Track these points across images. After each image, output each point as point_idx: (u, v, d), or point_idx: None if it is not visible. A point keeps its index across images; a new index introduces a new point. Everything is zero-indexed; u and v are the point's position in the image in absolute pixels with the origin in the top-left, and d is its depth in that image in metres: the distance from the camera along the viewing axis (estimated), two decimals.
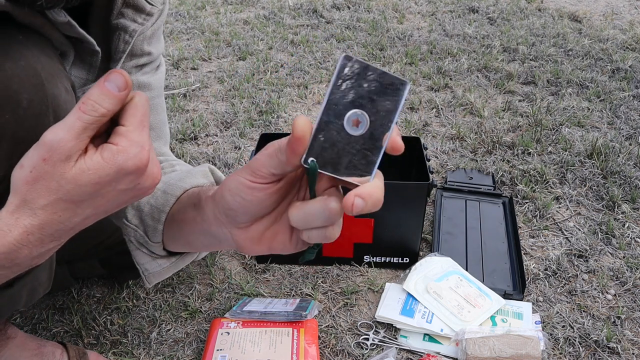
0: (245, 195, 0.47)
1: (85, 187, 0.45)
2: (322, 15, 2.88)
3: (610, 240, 1.27)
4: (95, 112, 0.44)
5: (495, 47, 2.41)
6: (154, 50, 0.80)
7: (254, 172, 0.46)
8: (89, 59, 0.65)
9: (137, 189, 0.49)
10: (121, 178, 0.46)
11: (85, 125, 0.44)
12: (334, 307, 1.08)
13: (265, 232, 0.50)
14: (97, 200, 0.47)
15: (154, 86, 0.81)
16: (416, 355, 0.99)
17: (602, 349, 1.00)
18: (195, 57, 2.33)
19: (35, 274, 0.62)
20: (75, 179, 0.45)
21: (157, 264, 0.74)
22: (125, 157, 0.45)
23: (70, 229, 0.48)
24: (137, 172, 0.47)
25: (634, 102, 1.93)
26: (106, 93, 0.44)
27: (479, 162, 1.55)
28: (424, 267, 1.13)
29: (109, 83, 0.44)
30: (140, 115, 0.47)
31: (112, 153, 0.45)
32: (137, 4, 0.70)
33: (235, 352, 0.94)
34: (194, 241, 0.64)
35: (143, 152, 0.47)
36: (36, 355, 0.85)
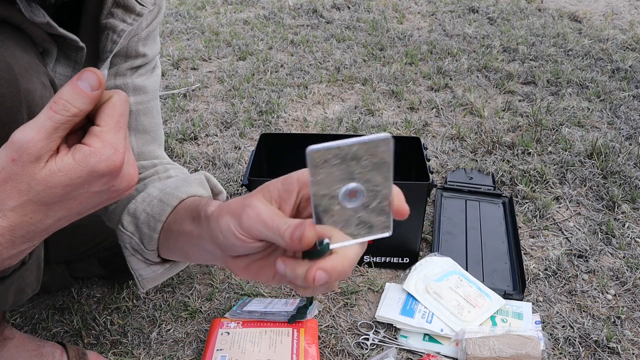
0: (234, 242, 0.47)
1: (56, 189, 0.44)
2: (322, 15, 2.88)
3: (610, 240, 1.27)
4: (67, 112, 0.43)
5: (495, 47, 2.41)
6: (149, 51, 0.79)
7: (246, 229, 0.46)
8: (73, 55, 0.64)
9: (112, 191, 0.48)
10: (93, 180, 0.45)
11: (56, 125, 0.42)
12: (334, 307, 1.08)
13: (252, 264, 0.50)
14: (68, 203, 0.46)
15: (149, 89, 0.81)
16: (416, 355, 0.98)
17: (602, 349, 0.99)
18: (195, 57, 2.33)
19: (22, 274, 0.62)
20: (45, 181, 0.43)
21: (151, 270, 0.73)
22: (97, 159, 0.44)
23: (43, 231, 0.47)
24: (111, 175, 0.45)
25: (634, 102, 1.93)
26: (78, 92, 0.43)
27: (479, 162, 1.55)
28: (424, 267, 1.13)
29: (81, 82, 0.43)
30: (117, 116, 0.46)
31: (84, 154, 0.44)
32: (127, 4, 0.70)
33: (235, 352, 0.94)
34: (190, 253, 0.64)
35: (117, 154, 0.45)
36: (35, 356, 0.85)
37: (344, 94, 2.02)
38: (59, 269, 1.07)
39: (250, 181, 1.09)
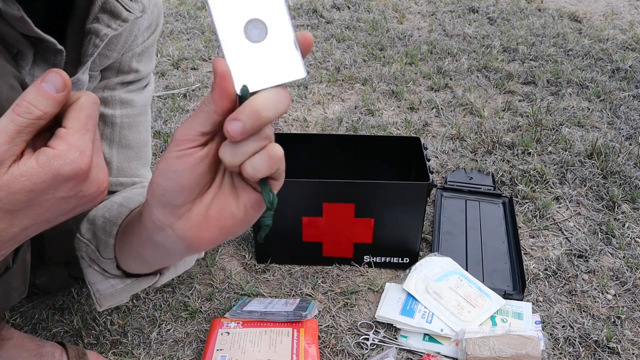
0: (174, 167, 0.42)
1: (19, 195, 0.42)
2: (322, 15, 2.88)
3: (610, 240, 1.27)
4: (30, 115, 0.41)
5: (495, 47, 2.41)
6: (143, 68, 0.78)
7: (179, 140, 0.42)
8: (52, 58, 0.63)
9: (80, 197, 0.45)
10: (58, 185, 0.43)
11: (20, 128, 0.40)
12: (334, 307, 1.08)
13: (209, 211, 0.45)
14: (34, 209, 0.43)
15: (136, 103, 0.79)
16: (416, 355, 0.98)
17: (602, 349, 0.99)
18: (195, 57, 2.33)
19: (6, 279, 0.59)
20: (7, 186, 0.41)
21: (109, 284, 0.68)
22: (61, 162, 0.42)
23: (9, 240, 0.45)
24: (77, 179, 0.43)
25: (634, 102, 1.93)
26: (42, 94, 0.41)
27: (479, 162, 1.55)
28: (424, 267, 1.13)
29: (45, 83, 0.41)
30: (84, 117, 0.43)
31: (48, 158, 0.41)
32: (113, 10, 0.69)
33: (235, 352, 0.94)
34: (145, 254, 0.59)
35: (82, 157, 0.42)
36: (35, 356, 0.85)
37: (344, 94, 2.02)
38: (58, 270, 1.07)
39: None
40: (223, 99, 0.40)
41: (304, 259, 1.19)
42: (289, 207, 1.12)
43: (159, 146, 1.64)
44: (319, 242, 1.16)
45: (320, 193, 1.10)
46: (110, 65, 0.75)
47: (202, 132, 0.41)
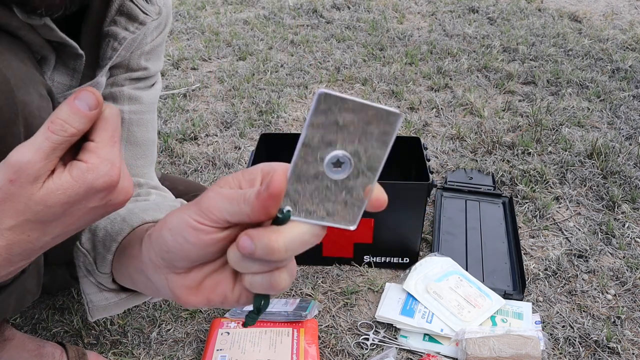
0: (188, 237, 0.40)
1: (54, 208, 0.43)
2: (322, 15, 2.88)
3: (610, 240, 1.27)
4: (65, 132, 0.42)
5: (495, 47, 2.41)
6: (151, 66, 0.78)
7: (204, 213, 0.40)
8: (72, 63, 0.64)
9: (109, 205, 0.47)
10: (91, 196, 0.45)
11: (55, 145, 0.42)
12: (334, 307, 1.08)
13: (205, 281, 0.44)
14: (66, 219, 0.45)
15: (144, 100, 0.79)
16: (416, 355, 0.98)
17: (602, 349, 0.99)
18: (195, 57, 2.33)
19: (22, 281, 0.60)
20: (43, 200, 0.43)
21: (103, 296, 0.67)
22: (95, 175, 0.43)
23: (40, 248, 0.47)
24: (108, 190, 0.45)
25: (634, 102, 1.93)
26: (76, 112, 0.42)
27: (479, 162, 1.55)
28: (424, 267, 1.13)
29: (79, 101, 0.42)
30: (111, 130, 0.45)
31: (82, 171, 0.43)
32: (131, 13, 0.69)
33: (235, 352, 0.94)
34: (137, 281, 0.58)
35: (114, 169, 0.44)
36: (35, 357, 0.85)
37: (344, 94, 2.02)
38: (59, 270, 1.07)
39: None
40: (261, 214, 0.37)
41: (304, 259, 1.19)
42: None
43: (159, 146, 1.64)
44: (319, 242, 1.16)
45: None
46: (119, 62, 0.75)
47: (226, 220, 0.39)
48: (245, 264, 0.39)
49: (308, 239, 0.38)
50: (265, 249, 0.37)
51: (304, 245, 0.38)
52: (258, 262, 0.39)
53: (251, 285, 0.40)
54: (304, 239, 0.38)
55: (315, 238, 0.39)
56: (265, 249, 0.37)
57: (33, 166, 0.41)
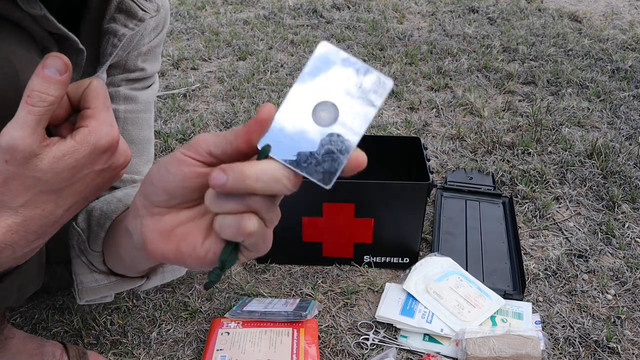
0: (170, 167, 0.42)
1: (63, 173, 0.45)
2: (322, 15, 2.88)
3: (610, 240, 1.27)
4: (44, 102, 0.43)
5: (495, 47, 2.41)
6: (148, 68, 0.79)
7: (190, 145, 0.41)
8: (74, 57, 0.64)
9: (112, 168, 0.49)
10: (96, 158, 0.47)
11: (38, 117, 0.43)
12: (334, 307, 1.08)
13: (178, 228, 0.44)
14: (76, 186, 0.47)
15: (140, 100, 0.80)
16: (416, 355, 0.99)
17: (602, 349, 0.99)
18: (195, 57, 2.33)
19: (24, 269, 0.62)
20: (52, 168, 0.44)
21: (93, 278, 0.69)
22: (97, 136, 0.46)
23: (54, 223, 0.48)
24: (111, 150, 0.47)
25: (634, 102, 1.93)
26: (48, 80, 0.43)
27: (479, 162, 1.55)
28: (424, 267, 1.13)
29: (48, 69, 0.42)
30: (102, 98, 0.47)
31: (84, 135, 0.45)
32: (129, 10, 0.70)
33: (235, 352, 0.94)
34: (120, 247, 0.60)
35: (113, 130, 0.47)
36: (36, 355, 0.85)
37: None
38: (59, 269, 1.07)
39: None
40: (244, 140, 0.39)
41: (304, 259, 1.19)
42: (288, 207, 1.12)
43: (159, 146, 1.64)
44: (319, 242, 1.16)
45: (320, 193, 1.10)
46: (116, 63, 0.76)
47: (210, 152, 0.41)
48: (219, 200, 0.39)
49: (280, 177, 0.39)
50: (237, 177, 0.37)
51: (275, 181, 0.38)
52: (231, 200, 0.39)
53: (220, 227, 0.40)
54: (276, 175, 0.38)
55: (287, 180, 0.39)
56: (237, 176, 0.37)
57: (23, 142, 0.43)
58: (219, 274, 0.44)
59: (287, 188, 0.39)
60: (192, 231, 0.44)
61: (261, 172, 0.38)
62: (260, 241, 0.41)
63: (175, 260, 0.45)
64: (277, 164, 0.39)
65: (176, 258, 0.44)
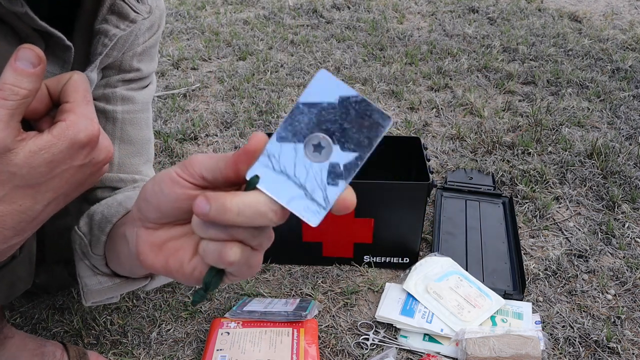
0: (164, 186, 0.42)
1: (40, 168, 0.44)
2: (322, 15, 2.88)
3: (610, 240, 1.27)
4: (17, 96, 0.42)
5: (495, 47, 2.41)
6: (144, 68, 0.79)
7: (185, 166, 0.41)
8: (61, 54, 0.64)
9: (93, 164, 0.48)
10: (75, 153, 0.45)
11: (11, 111, 0.42)
12: (334, 307, 1.08)
13: (169, 243, 0.45)
14: (54, 182, 0.46)
15: (137, 100, 0.80)
16: (416, 355, 0.98)
17: (602, 349, 0.99)
18: (195, 57, 2.33)
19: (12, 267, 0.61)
20: (27, 163, 0.43)
21: (97, 280, 0.69)
22: (75, 130, 0.45)
23: (33, 220, 0.47)
24: (90, 144, 0.46)
25: (634, 102, 1.93)
26: (21, 72, 0.42)
27: (479, 162, 1.55)
28: (424, 267, 1.13)
29: (20, 62, 0.41)
30: (82, 91, 0.46)
31: (62, 129, 0.44)
32: (121, 11, 0.70)
33: (235, 352, 0.94)
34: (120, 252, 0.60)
35: (93, 124, 0.46)
36: (37, 355, 0.85)
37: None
38: (57, 269, 1.07)
39: None
40: (232, 170, 0.39)
41: (304, 259, 1.19)
42: None
43: (159, 146, 1.64)
44: (319, 242, 1.16)
45: None
46: (111, 63, 0.76)
47: (202, 176, 0.41)
48: (203, 226, 0.39)
49: (264, 210, 0.38)
50: (218, 208, 0.37)
51: (258, 215, 0.38)
52: (214, 228, 0.39)
53: (204, 252, 0.40)
54: (259, 209, 0.37)
55: (273, 214, 0.38)
56: (219, 208, 0.37)
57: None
58: (203, 295, 0.44)
59: (272, 221, 0.38)
60: (182, 247, 0.44)
61: (243, 206, 0.37)
62: (244, 268, 0.41)
63: (164, 273, 0.45)
64: (264, 197, 0.37)
65: (165, 271, 0.45)
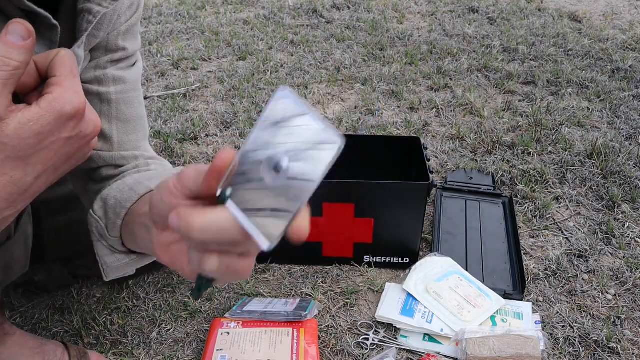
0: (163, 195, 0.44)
1: (29, 140, 0.45)
2: (322, 15, 2.88)
3: (610, 240, 1.27)
4: (8, 67, 0.44)
5: (495, 47, 2.41)
6: (129, 46, 0.82)
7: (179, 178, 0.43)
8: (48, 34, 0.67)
9: (81, 137, 0.49)
10: (62, 125, 0.47)
11: (3, 82, 0.44)
12: (334, 307, 1.08)
13: (173, 245, 0.47)
14: (43, 153, 0.47)
15: (128, 79, 0.83)
16: (416, 355, 0.98)
17: (602, 349, 0.99)
18: (195, 57, 2.33)
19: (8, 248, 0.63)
20: (17, 134, 0.45)
21: (115, 258, 0.74)
22: (62, 102, 0.46)
23: (25, 192, 0.48)
24: (77, 117, 0.48)
25: (634, 102, 1.93)
26: (12, 45, 0.44)
27: (479, 162, 1.55)
28: (424, 267, 1.13)
29: (11, 35, 0.44)
30: (69, 66, 0.48)
31: (49, 101, 0.46)
32: None
33: (235, 352, 0.94)
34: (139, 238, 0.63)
35: (79, 96, 0.48)
36: (37, 354, 0.85)
37: (344, 94, 2.02)
38: (56, 267, 1.07)
39: None
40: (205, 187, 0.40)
41: (304, 259, 1.19)
42: None
43: (159, 146, 1.64)
44: (319, 242, 1.16)
45: (320, 193, 1.09)
46: (98, 44, 0.79)
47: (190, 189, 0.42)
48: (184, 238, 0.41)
49: (227, 228, 0.38)
50: (184, 225, 0.38)
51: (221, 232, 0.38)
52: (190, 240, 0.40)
53: (189, 260, 0.43)
54: (223, 226, 0.38)
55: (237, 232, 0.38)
56: (185, 225, 0.38)
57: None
58: (197, 295, 0.46)
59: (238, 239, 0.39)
60: (181, 250, 0.45)
61: (207, 224, 0.38)
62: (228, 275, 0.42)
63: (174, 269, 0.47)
64: (228, 214, 0.38)
65: (173, 268, 0.47)
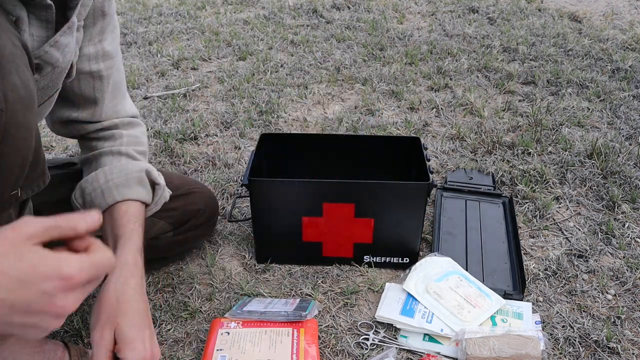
0: None
1: (24, 268, 0.46)
2: (322, 15, 2.88)
3: (610, 240, 1.27)
4: (73, 230, 0.50)
5: (495, 47, 2.41)
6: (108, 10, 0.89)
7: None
8: (43, 15, 0.70)
9: (39, 327, 0.48)
10: (45, 281, 0.47)
11: (55, 224, 0.48)
12: (334, 307, 1.08)
13: None
14: (18, 290, 0.46)
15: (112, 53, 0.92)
16: (416, 355, 0.99)
17: (602, 349, 1.00)
18: (195, 57, 2.34)
19: None
20: (33, 264, 0.46)
21: None
22: (66, 262, 0.48)
23: None
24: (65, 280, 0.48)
25: (634, 102, 1.93)
26: (85, 220, 0.51)
27: (479, 162, 1.55)
28: (424, 267, 1.13)
29: (90, 217, 0.51)
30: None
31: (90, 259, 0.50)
32: None
33: (235, 352, 0.94)
34: None
35: None
36: (38, 353, 0.85)
37: (344, 94, 2.02)
38: None
39: (251, 181, 1.09)
40: None
41: (304, 259, 1.19)
42: (289, 207, 1.12)
43: (159, 146, 1.64)
44: (319, 242, 1.16)
45: (320, 193, 1.10)
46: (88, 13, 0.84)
47: None
48: None
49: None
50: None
51: None
52: None
53: None
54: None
55: None
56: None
57: (29, 223, 0.47)
58: None
59: None
60: None
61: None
62: None
63: None
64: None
65: None
